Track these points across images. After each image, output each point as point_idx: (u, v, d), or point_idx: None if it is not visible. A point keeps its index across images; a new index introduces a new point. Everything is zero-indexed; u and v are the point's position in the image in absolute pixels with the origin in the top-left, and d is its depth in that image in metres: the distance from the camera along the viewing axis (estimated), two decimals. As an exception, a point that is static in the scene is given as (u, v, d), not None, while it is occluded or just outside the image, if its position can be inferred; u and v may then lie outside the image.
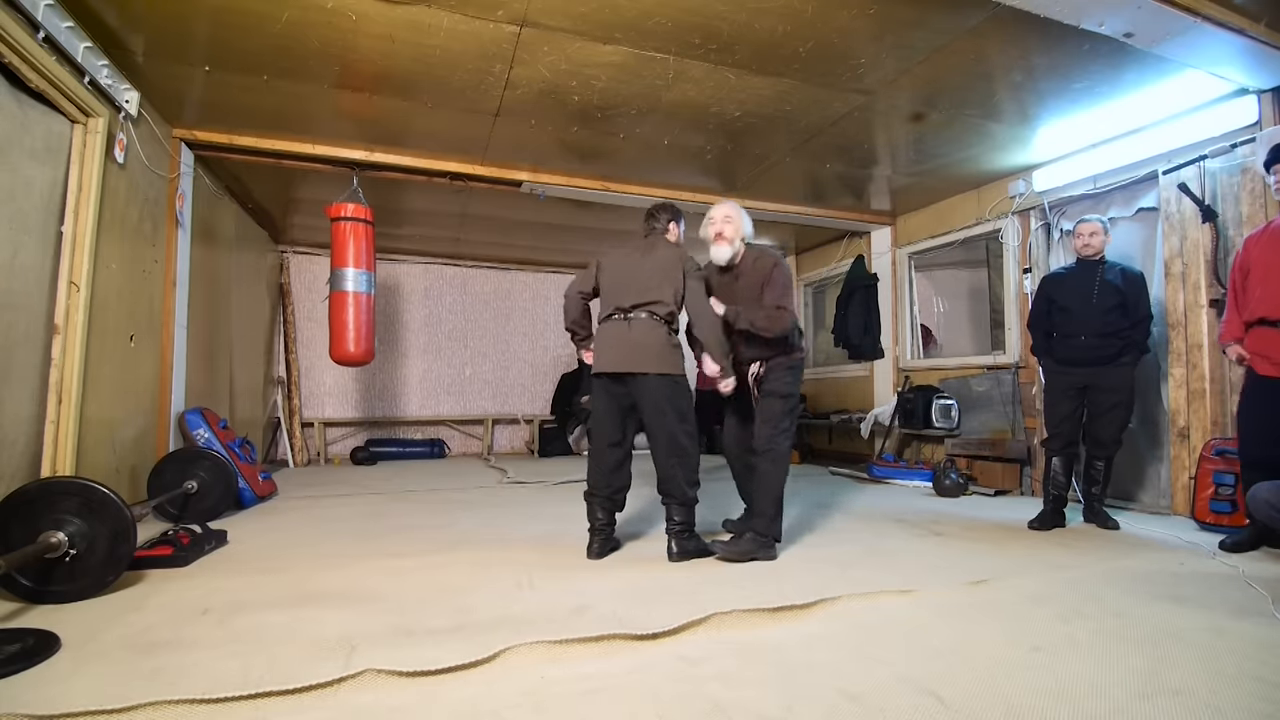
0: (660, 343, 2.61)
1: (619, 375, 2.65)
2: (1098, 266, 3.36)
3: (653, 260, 2.71)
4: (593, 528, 2.70)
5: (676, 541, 2.61)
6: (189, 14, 2.83)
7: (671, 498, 2.65)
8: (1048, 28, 2.80)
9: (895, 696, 1.40)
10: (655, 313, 2.64)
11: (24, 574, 1.98)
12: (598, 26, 2.92)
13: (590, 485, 2.73)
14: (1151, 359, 3.72)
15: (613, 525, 2.75)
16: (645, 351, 2.60)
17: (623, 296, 2.68)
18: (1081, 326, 3.33)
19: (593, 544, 2.68)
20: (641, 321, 2.63)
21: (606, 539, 2.71)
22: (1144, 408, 3.91)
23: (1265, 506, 2.52)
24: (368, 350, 4.44)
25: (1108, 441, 3.35)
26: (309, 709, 1.36)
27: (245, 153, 4.23)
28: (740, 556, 2.56)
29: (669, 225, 2.90)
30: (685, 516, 2.64)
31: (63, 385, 2.88)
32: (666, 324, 2.66)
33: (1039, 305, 3.57)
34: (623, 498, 2.75)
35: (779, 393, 2.75)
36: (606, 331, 2.71)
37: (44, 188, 2.80)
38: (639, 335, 2.62)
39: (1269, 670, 1.55)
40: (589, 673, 1.53)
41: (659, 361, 2.60)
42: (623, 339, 2.64)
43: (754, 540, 2.60)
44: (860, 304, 6.10)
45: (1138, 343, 3.28)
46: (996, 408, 4.77)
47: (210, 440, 3.83)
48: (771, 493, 2.66)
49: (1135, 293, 3.28)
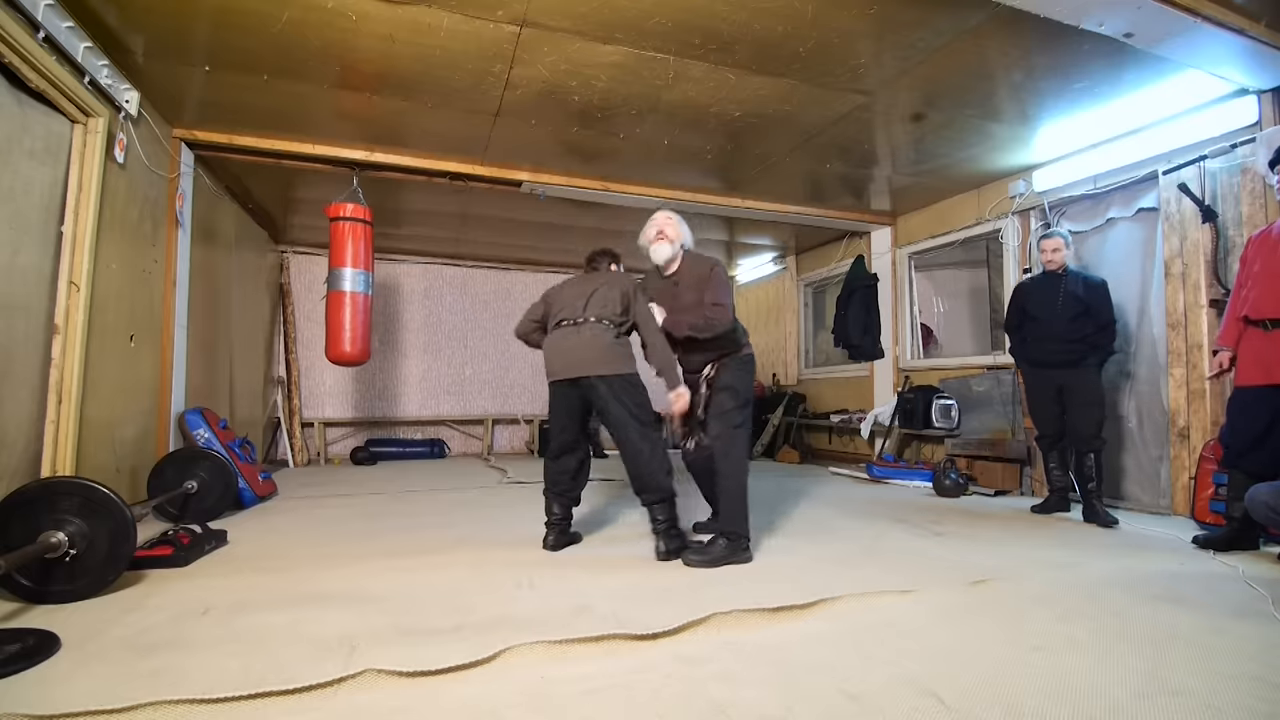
0: (609, 345, 2.67)
1: (574, 380, 2.68)
2: (1061, 278, 3.64)
3: (599, 282, 2.82)
4: (549, 521, 2.80)
5: (664, 540, 2.61)
6: (189, 14, 2.83)
7: (649, 494, 2.66)
8: (1048, 28, 2.80)
9: (895, 696, 1.40)
10: (604, 318, 2.70)
11: (24, 574, 1.98)
12: (598, 26, 2.92)
13: (548, 485, 2.83)
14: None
15: (569, 519, 2.86)
16: (595, 354, 2.65)
17: (572, 311, 2.75)
18: (1049, 333, 3.63)
19: (548, 536, 2.78)
20: (590, 325, 2.69)
21: (563, 532, 2.81)
22: (1138, 406, 3.94)
23: (1264, 509, 2.52)
24: (363, 350, 4.44)
25: (1087, 437, 3.50)
26: (309, 709, 1.36)
27: (245, 153, 4.23)
28: (713, 563, 2.49)
29: (610, 266, 3.06)
30: (668, 513, 2.65)
31: (63, 385, 2.88)
32: (616, 327, 2.72)
33: (1012, 312, 3.90)
34: (579, 495, 2.88)
35: (730, 385, 2.73)
36: (556, 339, 2.76)
37: (44, 188, 2.80)
38: (588, 339, 2.67)
39: (1268, 670, 1.55)
40: (589, 673, 1.53)
41: (610, 363, 2.65)
42: (573, 345, 2.69)
43: (726, 546, 2.54)
44: (860, 304, 6.10)
45: (1103, 346, 3.54)
46: (996, 408, 4.77)
47: (210, 440, 3.83)
48: (734, 493, 2.60)
49: (1097, 301, 3.54)
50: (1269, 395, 2.70)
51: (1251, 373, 2.77)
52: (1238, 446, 2.82)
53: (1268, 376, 2.71)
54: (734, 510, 2.58)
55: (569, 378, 2.69)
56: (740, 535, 2.57)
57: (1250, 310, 2.79)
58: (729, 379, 2.76)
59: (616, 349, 2.69)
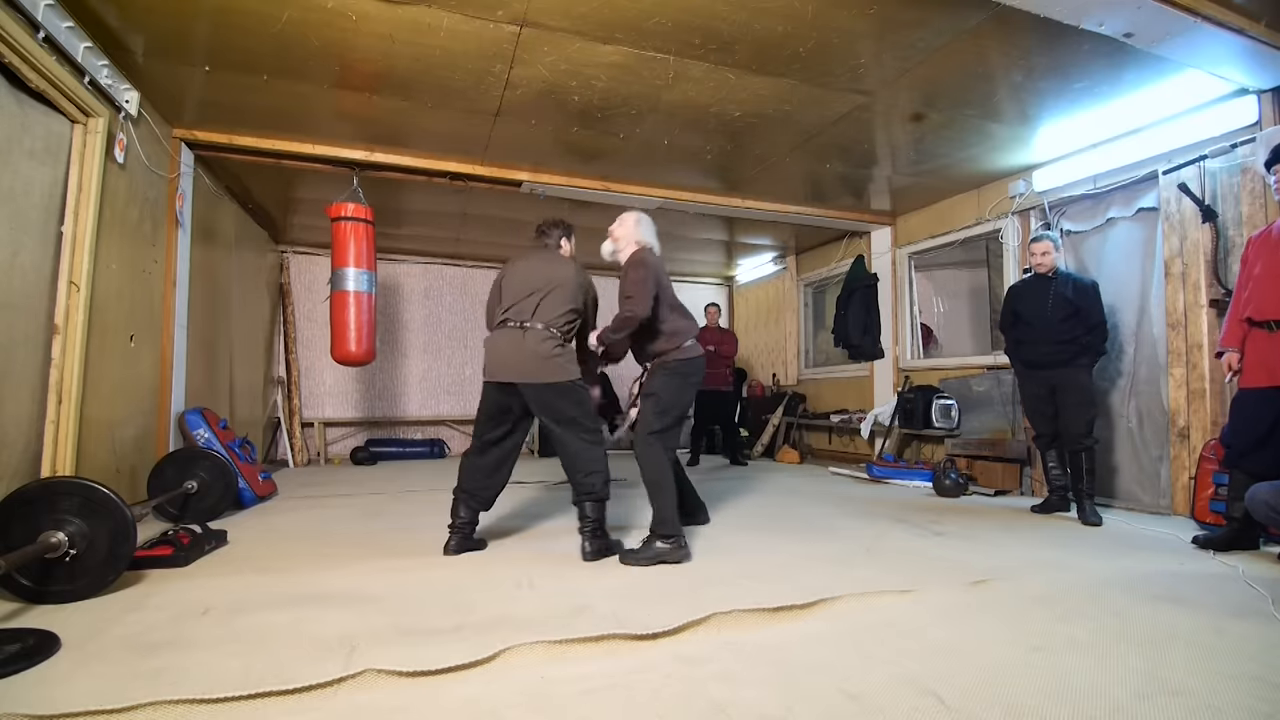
0: (550, 354, 2.65)
1: (510, 383, 2.68)
2: (1051, 281, 3.68)
3: (554, 278, 2.75)
4: (453, 525, 2.72)
5: (590, 541, 2.62)
6: (189, 14, 2.83)
7: (577, 493, 2.68)
8: (1048, 27, 2.80)
9: (895, 696, 1.40)
10: (550, 325, 2.69)
11: (24, 574, 1.98)
12: (598, 26, 2.92)
13: (461, 483, 2.76)
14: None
15: (475, 524, 2.78)
16: (535, 363, 2.63)
17: (520, 308, 2.71)
18: (1040, 334, 3.67)
19: (450, 541, 2.70)
20: (535, 333, 2.67)
21: (465, 537, 2.73)
22: (1138, 406, 3.94)
23: (1265, 508, 2.52)
24: (369, 350, 4.44)
25: (1078, 435, 3.55)
26: (310, 709, 1.36)
27: (245, 153, 4.23)
28: (649, 562, 2.52)
29: (561, 241, 2.97)
30: (596, 513, 2.66)
31: (63, 385, 2.88)
32: (561, 335, 2.72)
33: (1005, 314, 3.95)
34: (494, 497, 2.81)
35: (653, 393, 2.73)
36: (499, 340, 2.72)
37: (44, 188, 2.80)
38: (532, 345, 2.65)
39: (1268, 670, 1.55)
40: (589, 673, 1.53)
41: (549, 372, 2.64)
42: (515, 348, 2.66)
43: (662, 545, 2.55)
44: (860, 304, 6.10)
45: (1093, 346, 3.58)
46: (996, 408, 4.77)
47: (210, 440, 3.83)
48: (657, 497, 2.63)
49: (1087, 303, 3.57)
50: (1272, 396, 2.70)
51: (1256, 374, 2.77)
52: (1240, 447, 2.82)
53: (1271, 378, 2.71)
54: (660, 511, 2.60)
55: (504, 380, 2.68)
56: (672, 535, 2.58)
57: (1253, 312, 2.78)
58: (654, 385, 2.76)
59: (557, 358, 2.66)
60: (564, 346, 2.74)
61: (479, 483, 2.77)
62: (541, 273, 2.78)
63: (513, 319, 2.71)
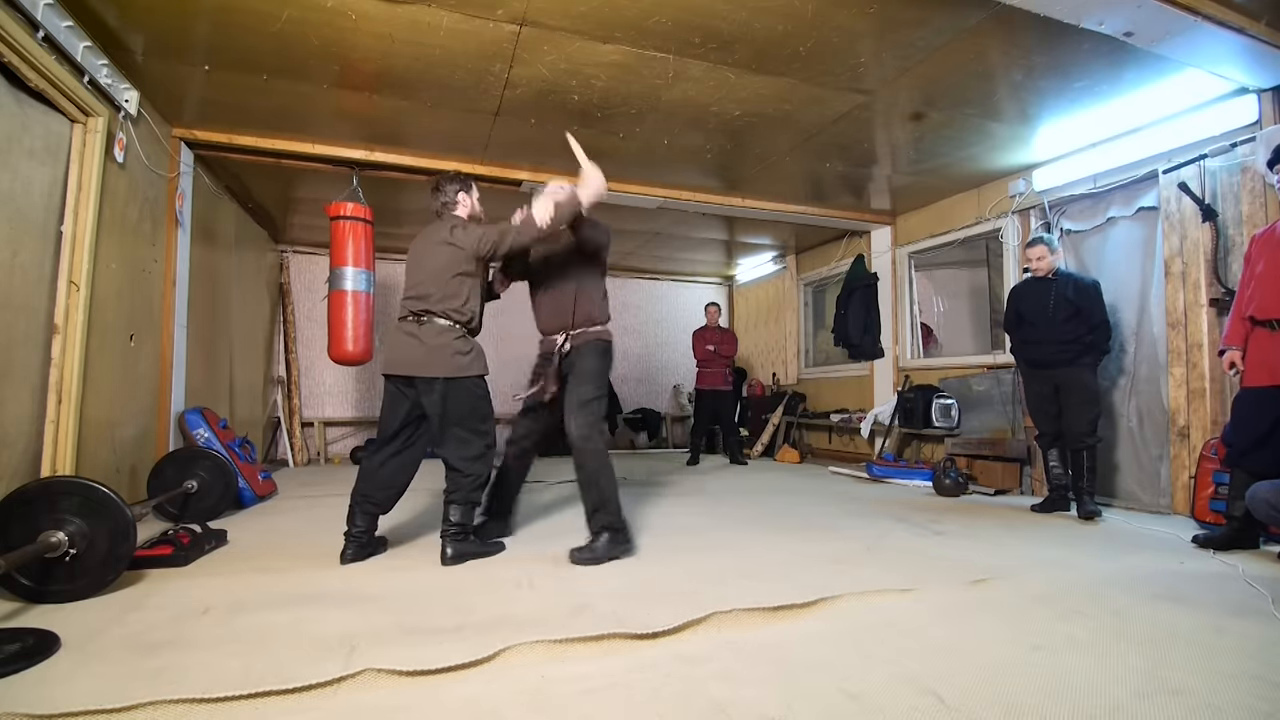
0: (452, 347, 2.53)
1: (408, 378, 2.56)
2: (1051, 282, 3.71)
3: (444, 253, 2.57)
4: (349, 533, 2.57)
5: (452, 545, 2.52)
6: (189, 13, 2.83)
7: (455, 496, 2.56)
8: (1048, 27, 2.80)
9: (895, 695, 1.40)
10: (449, 315, 2.55)
11: (24, 573, 1.97)
12: (598, 26, 2.92)
13: (359, 486, 2.60)
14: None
15: (372, 531, 2.63)
16: (436, 355, 2.51)
17: (418, 297, 2.57)
18: (1044, 335, 3.71)
19: (346, 550, 2.55)
20: (433, 325, 2.54)
21: (362, 545, 2.59)
22: (1138, 406, 3.94)
23: (1265, 506, 2.51)
24: (366, 349, 4.44)
25: (1081, 434, 3.57)
26: (309, 708, 1.36)
27: (245, 152, 4.23)
28: (600, 559, 2.50)
29: (458, 196, 2.72)
30: (464, 517, 2.56)
31: (63, 385, 2.88)
32: (463, 327, 2.60)
33: (1009, 314, 3.98)
34: (393, 501, 2.67)
35: (588, 371, 2.62)
36: (397, 334, 2.60)
37: (44, 187, 2.80)
38: (429, 338, 2.53)
39: (1268, 669, 1.54)
40: (589, 672, 1.53)
41: (451, 365, 2.52)
42: (414, 342, 2.54)
43: (609, 540, 2.54)
44: (860, 303, 6.10)
45: (1096, 345, 3.61)
46: (996, 407, 4.76)
47: (210, 440, 3.83)
48: (603, 486, 2.55)
49: (1088, 303, 3.60)
50: (1273, 395, 2.70)
51: (1258, 374, 2.77)
52: (1241, 445, 2.82)
53: (1272, 377, 2.71)
54: (606, 503, 2.55)
55: (404, 374, 2.55)
56: (618, 527, 2.55)
57: (1256, 310, 2.78)
58: (589, 365, 2.64)
59: (461, 353, 2.55)
60: (469, 339, 2.62)
61: (376, 486, 2.61)
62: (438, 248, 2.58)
63: (412, 312, 2.57)
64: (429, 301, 2.55)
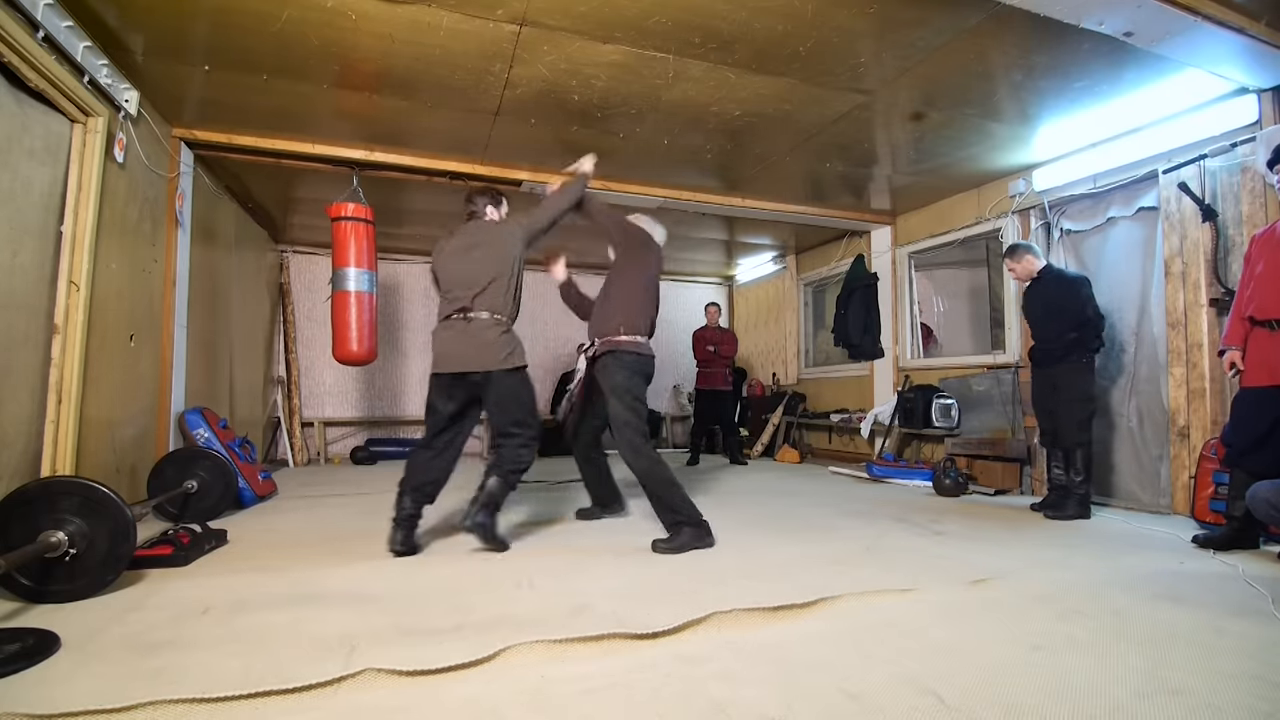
0: (497, 339, 2.69)
1: (461, 374, 2.70)
2: (1038, 284, 3.83)
3: (481, 250, 2.76)
4: (398, 519, 2.68)
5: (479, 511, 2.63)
6: (189, 13, 2.83)
7: (497, 470, 2.69)
8: (1048, 27, 2.80)
9: (895, 696, 1.40)
10: (494, 310, 2.71)
11: (24, 573, 1.98)
12: (598, 26, 2.92)
13: (408, 477, 2.73)
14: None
15: (418, 518, 2.75)
16: (488, 349, 2.67)
17: (460, 295, 2.72)
18: (1039, 334, 3.84)
19: (395, 535, 2.66)
20: (481, 320, 2.70)
21: (411, 530, 2.70)
22: (1138, 406, 3.94)
23: (1265, 506, 2.51)
24: (370, 349, 4.44)
25: (1069, 432, 3.62)
26: (309, 708, 1.36)
27: (245, 152, 4.23)
28: (680, 549, 2.65)
29: (487, 209, 2.96)
30: (498, 490, 2.67)
31: (63, 385, 2.88)
32: (507, 320, 2.76)
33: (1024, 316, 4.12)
34: (437, 493, 2.79)
35: (617, 389, 2.75)
36: (446, 334, 2.75)
37: (44, 187, 2.80)
38: (478, 333, 2.68)
39: (1268, 669, 1.54)
40: (589, 672, 1.53)
41: (503, 357, 2.68)
42: (464, 339, 2.69)
43: (690, 535, 2.69)
44: (860, 303, 6.10)
45: (1082, 342, 3.63)
46: (996, 407, 4.76)
47: (210, 440, 3.83)
48: (664, 497, 2.70)
49: (1068, 298, 3.66)
50: (1273, 395, 2.70)
51: (1257, 374, 2.77)
52: (1240, 446, 2.82)
53: (1272, 377, 2.70)
54: (674, 501, 2.68)
55: (457, 371, 2.68)
56: (695, 521, 2.67)
57: (1255, 311, 2.78)
58: (617, 381, 2.78)
59: (504, 343, 2.70)
60: (511, 332, 2.77)
61: (425, 476, 2.75)
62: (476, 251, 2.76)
63: (457, 311, 2.71)
64: (471, 299, 2.70)
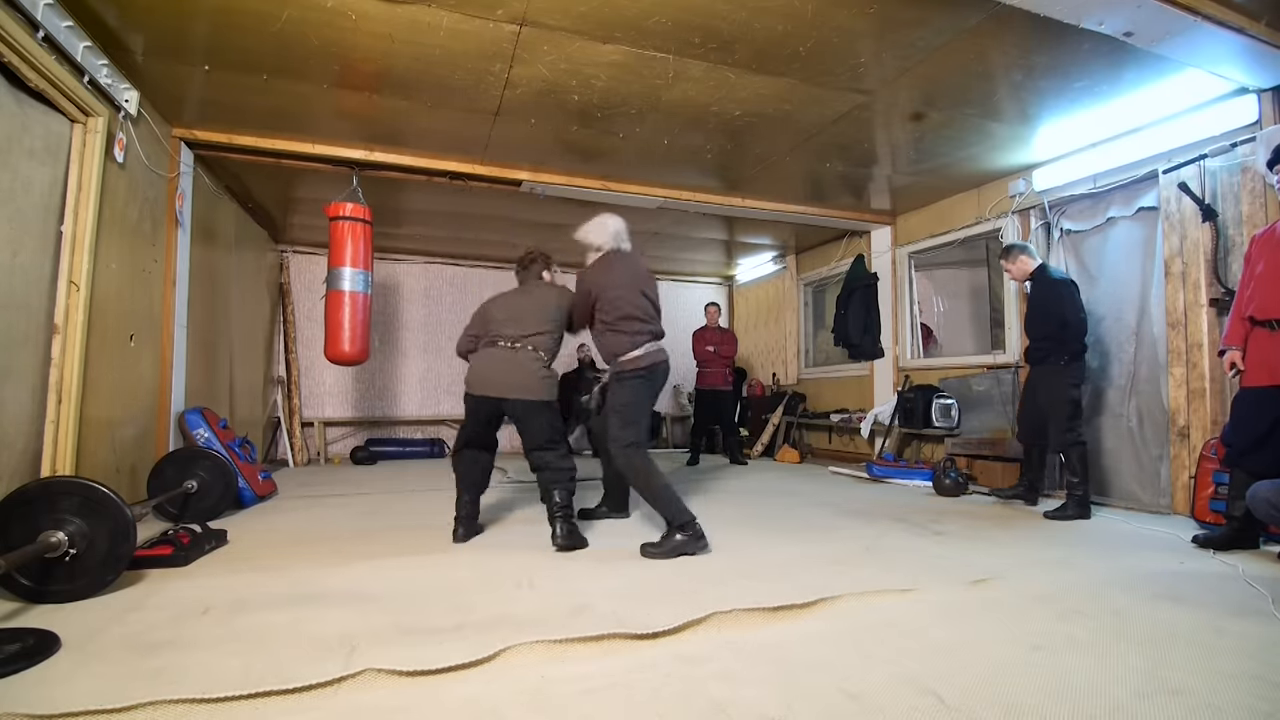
0: (537, 373, 2.91)
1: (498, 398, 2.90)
2: (1033, 284, 3.87)
3: (534, 300, 3.05)
4: (461, 516, 2.97)
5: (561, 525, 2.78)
6: (189, 13, 2.83)
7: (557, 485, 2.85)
8: (1048, 27, 2.80)
9: (895, 696, 1.40)
10: (537, 347, 2.95)
11: (24, 573, 1.98)
12: (598, 26, 2.92)
13: (463, 477, 3.03)
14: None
15: (478, 510, 3.07)
16: (525, 380, 2.89)
17: (511, 333, 2.95)
18: (1027, 334, 3.91)
19: (458, 530, 2.93)
20: (527, 353, 2.92)
21: (473, 521, 3.01)
22: (1138, 406, 3.94)
23: (1265, 506, 2.51)
24: (362, 350, 4.44)
25: (1054, 434, 3.67)
26: (309, 708, 1.36)
27: (245, 152, 4.23)
28: (670, 554, 2.63)
29: (541, 274, 3.22)
30: (565, 499, 2.84)
31: (63, 385, 2.88)
32: (549, 357, 3.01)
33: None
34: (487, 481, 3.13)
35: (616, 407, 2.87)
36: (491, 356, 2.93)
37: (44, 187, 2.80)
38: (523, 362, 2.90)
39: (1268, 669, 1.54)
40: (589, 672, 1.53)
41: (535, 391, 2.89)
42: (506, 368, 2.89)
43: (683, 538, 2.67)
44: (860, 303, 6.10)
45: (1065, 343, 3.64)
46: (996, 407, 4.77)
47: (210, 440, 3.83)
48: (654, 498, 2.75)
49: (1049, 301, 3.69)
50: (1273, 395, 2.70)
51: (1258, 374, 2.77)
52: (1240, 446, 2.82)
53: (1272, 377, 2.70)
54: (667, 508, 2.71)
55: (494, 396, 2.89)
56: (686, 523, 2.68)
57: (1256, 311, 2.78)
58: (616, 398, 2.88)
59: (543, 379, 2.93)
60: (551, 370, 3.00)
61: (474, 474, 3.05)
62: (527, 301, 3.05)
63: (505, 339, 2.93)
64: (524, 339, 2.94)
